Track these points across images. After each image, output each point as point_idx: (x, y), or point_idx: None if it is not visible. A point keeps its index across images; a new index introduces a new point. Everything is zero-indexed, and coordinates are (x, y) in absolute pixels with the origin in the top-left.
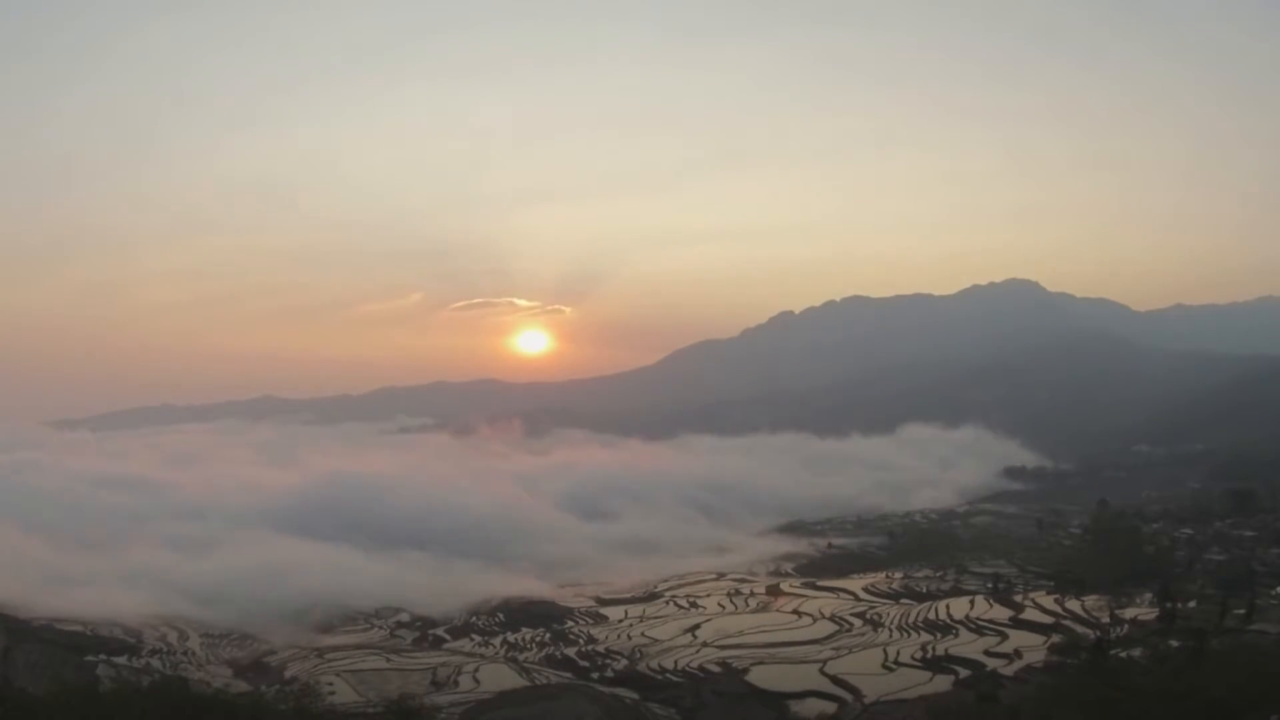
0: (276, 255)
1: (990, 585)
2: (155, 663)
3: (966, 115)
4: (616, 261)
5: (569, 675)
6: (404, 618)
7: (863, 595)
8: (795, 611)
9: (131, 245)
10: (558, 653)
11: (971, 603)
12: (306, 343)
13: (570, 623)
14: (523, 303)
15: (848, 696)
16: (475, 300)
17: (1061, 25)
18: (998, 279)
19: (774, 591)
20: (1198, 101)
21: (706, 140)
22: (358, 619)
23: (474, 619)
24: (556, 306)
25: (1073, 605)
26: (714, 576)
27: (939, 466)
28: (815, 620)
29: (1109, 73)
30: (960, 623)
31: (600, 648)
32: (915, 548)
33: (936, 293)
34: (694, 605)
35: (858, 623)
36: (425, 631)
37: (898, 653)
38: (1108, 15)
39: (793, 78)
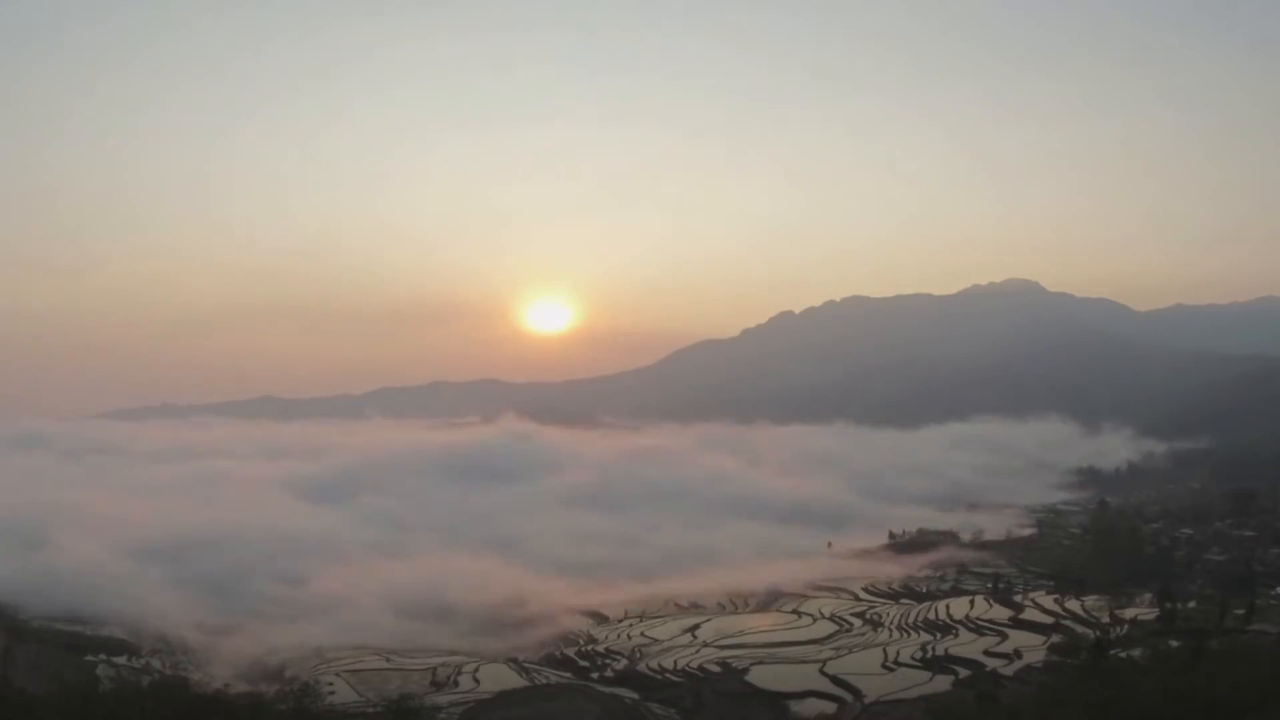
0: (276, 254)
1: (990, 585)
2: (155, 663)
3: (968, 116)
4: (617, 261)
5: (569, 675)
6: None
7: (863, 595)
8: (795, 611)
9: (128, 245)
10: (558, 653)
11: (971, 603)
12: (306, 343)
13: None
14: (522, 303)
15: (848, 696)
16: (475, 300)
17: (1062, 28)
18: (998, 279)
19: (773, 592)
20: (1198, 102)
21: (707, 139)
22: None
23: None
24: (557, 306)
25: (1073, 605)
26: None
27: (940, 465)
28: (815, 620)
29: (1109, 73)
30: (960, 623)
31: (600, 648)
32: (916, 548)
33: (936, 293)
34: (694, 605)
35: (858, 623)
36: None
37: (898, 653)
38: (1107, 17)
39: (795, 78)
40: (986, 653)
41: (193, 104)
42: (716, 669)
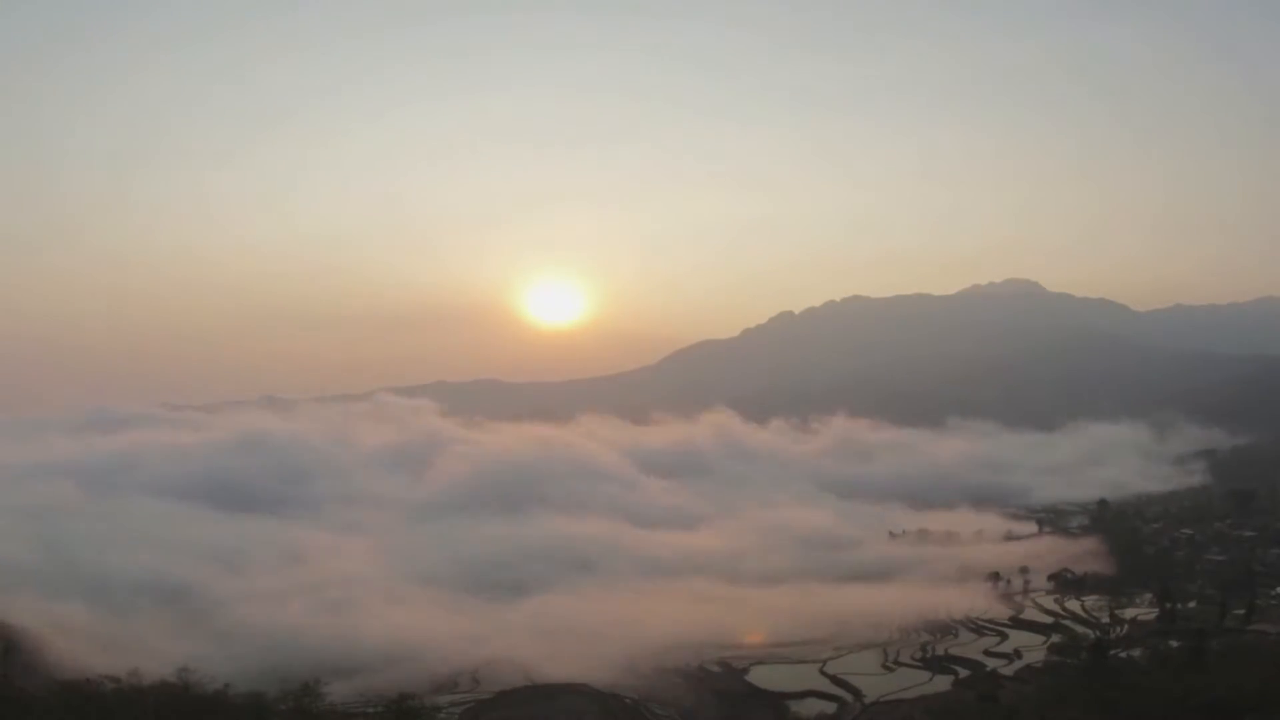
0: (276, 254)
1: (991, 585)
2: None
3: (968, 116)
4: (617, 262)
5: (570, 675)
6: None
7: None
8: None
9: (130, 245)
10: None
11: (971, 603)
12: (307, 342)
13: None
14: (521, 304)
15: (848, 696)
16: (474, 300)
17: (1061, 27)
18: (998, 279)
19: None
20: (1198, 103)
21: (708, 139)
22: None
23: None
24: (556, 307)
25: (1073, 605)
26: None
27: (940, 465)
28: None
29: (1110, 74)
30: (960, 623)
31: None
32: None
33: (936, 293)
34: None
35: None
36: None
37: (898, 653)
38: (1106, 18)
39: (797, 80)
40: (986, 653)
41: (197, 106)
42: (716, 669)
